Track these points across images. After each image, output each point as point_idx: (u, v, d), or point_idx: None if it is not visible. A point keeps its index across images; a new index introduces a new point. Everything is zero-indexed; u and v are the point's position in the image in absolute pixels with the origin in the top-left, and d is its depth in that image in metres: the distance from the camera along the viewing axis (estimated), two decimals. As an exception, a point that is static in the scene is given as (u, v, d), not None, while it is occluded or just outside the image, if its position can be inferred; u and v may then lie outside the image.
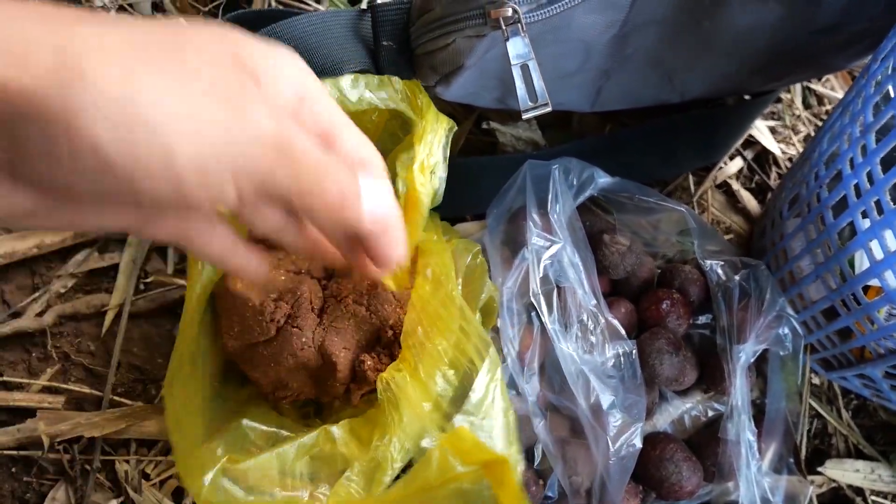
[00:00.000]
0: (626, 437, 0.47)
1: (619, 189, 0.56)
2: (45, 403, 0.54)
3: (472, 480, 0.35)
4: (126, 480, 0.53)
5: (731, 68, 0.56)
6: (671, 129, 0.61)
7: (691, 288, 0.58)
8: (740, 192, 0.66)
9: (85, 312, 0.57)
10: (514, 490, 0.33)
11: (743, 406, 0.52)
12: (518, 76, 0.45)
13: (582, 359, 0.48)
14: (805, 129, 0.69)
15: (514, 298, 0.50)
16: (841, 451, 0.61)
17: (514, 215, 0.55)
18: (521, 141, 0.62)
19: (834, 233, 0.49)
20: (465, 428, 0.35)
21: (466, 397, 0.36)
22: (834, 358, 0.57)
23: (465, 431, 0.35)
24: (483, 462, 0.34)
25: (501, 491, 0.33)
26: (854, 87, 0.49)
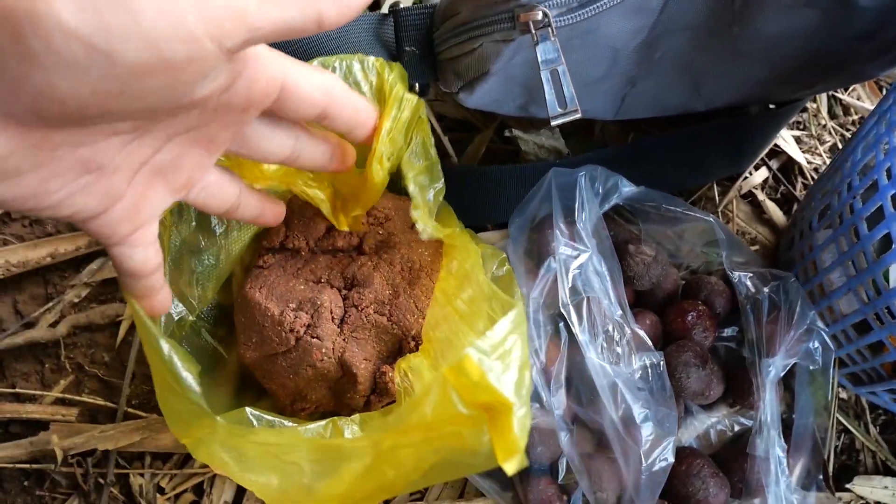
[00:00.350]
0: (659, 452, 0.46)
1: (644, 198, 0.55)
2: (59, 416, 0.53)
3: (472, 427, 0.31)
4: (141, 494, 0.51)
5: (761, 76, 0.54)
6: (696, 138, 0.60)
7: (717, 300, 0.56)
8: (766, 203, 0.65)
9: (99, 323, 0.55)
10: (513, 442, 0.29)
11: (772, 421, 0.51)
12: (547, 81, 0.44)
13: (615, 370, 0.46)
14: (831, 139, 0.68)
15: (539, 309, 0.49)
16: (869, 467, 0.60)
17: (538, 225, 0.54)
18: (543, 149, 0.61)
19: (868, 244, 0.47)
20: (472, 358, 0.30)
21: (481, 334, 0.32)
22: (864, 373, 0.56)
23: (470, 362, 0.30)
24: (485, 404, 0.30)
25: (498, 438, 0.29)
26: (891, 95, 0.48)
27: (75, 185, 0.28)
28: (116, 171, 0.29)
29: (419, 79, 0.50)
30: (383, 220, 0.50)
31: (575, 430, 0.51)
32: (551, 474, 0.52)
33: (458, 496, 0.54)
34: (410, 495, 0.54)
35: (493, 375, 0.29)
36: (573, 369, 0.50)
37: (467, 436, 0.31)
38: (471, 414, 0.30)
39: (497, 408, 0.29)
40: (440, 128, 0.62)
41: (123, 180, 0.30)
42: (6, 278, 0.55)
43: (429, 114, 0.62)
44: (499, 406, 0.29)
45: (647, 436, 0.46)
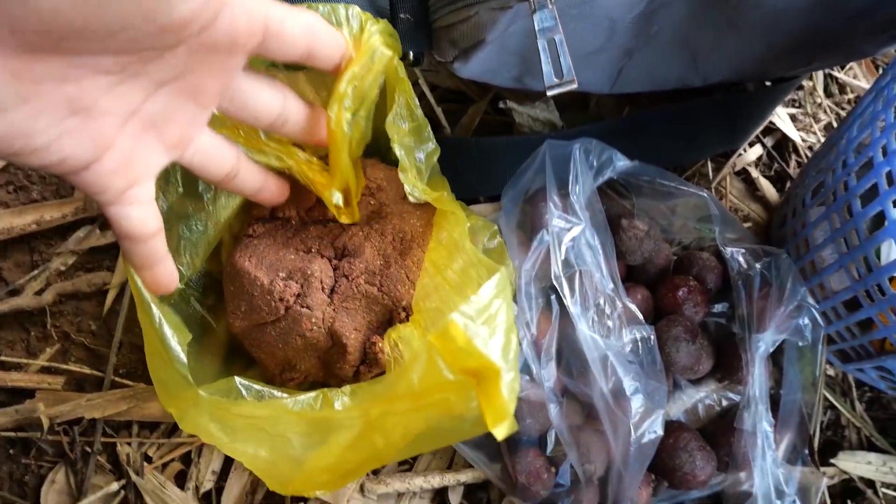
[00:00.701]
0: (649, 424, 0.46)
1: (639, 172, 0.55)
2: (45, 384, 0.52)
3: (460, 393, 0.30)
4: (128, 463, 0.51)
5: (758, 51, 0.54)
6: (692, 113, 0.60)
7: (708, 276, 0.56)
8: (759, 180, 0.64)
9: (86, 291, 0.55)
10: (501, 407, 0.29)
11: (761, 396, 0.51)
12: (544, 50, 0.43)
13: (606, 343, 0.46)
14: (826, 118, 0.67)
15: (531, 282, 0.49)
16: (853, 443, 0.60)
17: (531, 197, 0.53)
18: (537, 122, 0.60)
19: (861, 222, 0.47)
20: (457, 323, 0.29)
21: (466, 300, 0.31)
22: (852, 349, 0.56)
23: (456, 327, 0.29)
24: (472, 369, 0.30)
25: (486, 404, 0.29)
26: (889, 72, 0.48)
27: (63, 126, 0.27)
28: (105, 116, 0.29)
29: (414, 47, 0.49)
30: (375, 190, 0.50)
31: (564, 402, 0.51)
32: (540, 446, 0.52)
33: (447, 467, 0.54)
34: (399, 465, 0.54)
35: (479, 340, 0.29)
36: (564, 342, 0.50)
37: (455, 403, 0.30)
38: (458, 380, 0.30)
39: (484, 373, 0.29)
40: (433, 98, 0.61)
41: (113, 126, 0.30)
42: (-9, 245, 0.55)
43: (422, 84, 0.62)
44: (486, 371, 0.29)
45: (636, 408, 0.46)
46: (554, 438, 0.51)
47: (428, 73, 0.62)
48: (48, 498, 0.51)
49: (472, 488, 0.55)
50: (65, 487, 0.51)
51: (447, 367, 0.30)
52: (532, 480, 0.50)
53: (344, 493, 0.52)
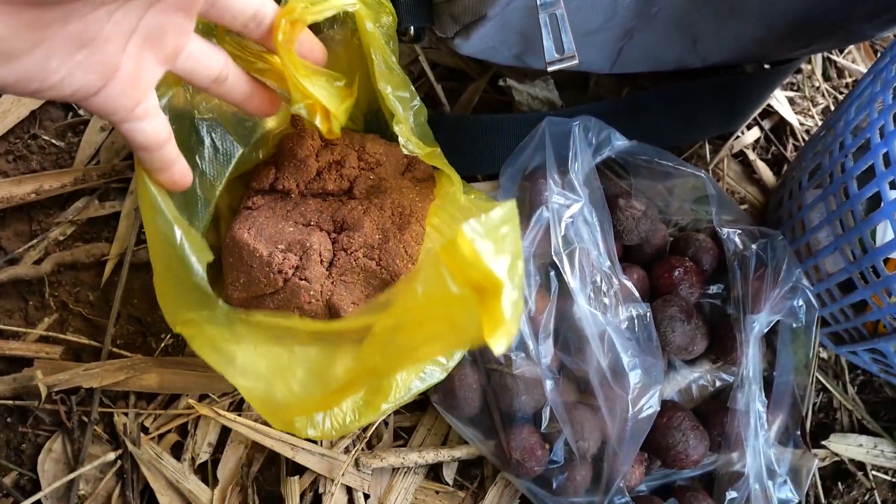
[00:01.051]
0: (646, 399, 0.47)
1: (637, 152, 0.55)
2: (43, 353, 0.52)
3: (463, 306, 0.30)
4: (124, 433, 0.52)
5: (758, 33, 0.54)
6: (691, 94, 0.60)
7: (704, 257, 0.57)
8: (756, 163, 0.65)
9: (84, 261, 0.55)
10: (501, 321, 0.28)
11: (754, 376, 0.52)
12: (545, 25, 0.43)
13: (605, 319, 0.47)
14: (824, 102, 0.68)
15: (530, 259, 0.49)
16: (845, 425, 0.61)
17: (529, 175, 0.53)
18: (537, 100, 0.61)
19: (857, 203, 0.48)
20: (466, 233, 0.29)
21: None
22: (846, 332, 0.56)
23: (464, 237, 0.28)
24: (476, 283, 0.29)
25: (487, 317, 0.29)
26: (888, 54, 0.48)
27: (72, 61, 0.30)
28: (108, 42, 0.31)
29: (415, 22, 0.49)
30: (374, 164, 0.50)
31: (560, 379, 0.52)
32: (534, 423, 0.53)
33: (442, 443, 0.55)
34: (394, 440, 0.55)
35: (486, 255, 0.29)
36: (561, 319, 0.50)
37: (458, 316, 0.30)
38: (462, 293, 0.30)
39: (488, 288, 0.29)
40: (434, 76, 0.61)
41: (116, 50, 0.32)
42: (-11, 214, 0.55)
43: (422, 62, 0.62)
44: (490, 286, 0.29)
45: (634, 383, 0.47)
46: (548, 415, 0.52)
47: (428, 50, 0.62)
48: (45, 466, 0.51)
49: (467, 464, 0.55)
50: (61, 456, 0.51)
51: (452, 280, 0.30)
52: (526, 457, 0.51)
53: (339, 466, 0.52)
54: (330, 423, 0.40)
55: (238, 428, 0.52)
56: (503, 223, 0.30)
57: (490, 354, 0.51)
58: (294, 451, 0.52)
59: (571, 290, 0.47)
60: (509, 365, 0.51)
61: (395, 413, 0.55)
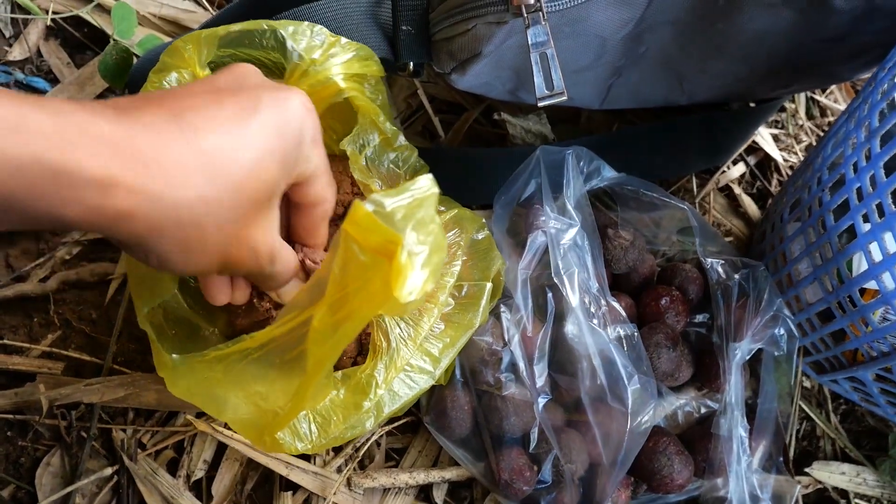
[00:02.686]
0: (644, 414, 0.49)
1: (624, 183, 0.57)
2: (45, 369, 0.54)
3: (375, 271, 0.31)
4: (122, 449, 0.53)
5: (742, 73, 0.57)
6: (678, 130, 0.63)
7: (690, 287, 0.59)
8: (742, 197, 0.67)
9: (89, 280, 0.57)
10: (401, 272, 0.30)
11: (737, 402, 0.53)
12: (536, 63, 0.46)
13: (607, 335, 0.49)
14: (807, 139, 0.70)
15: (528, 280, 0.51)
16: (828, 453, 0.62)
17: (522, 204, 0.55)
18: (530, 134, 0.63)
19: (834, 235, 0.50)
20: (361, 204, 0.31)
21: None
22: (826, 361, 0.58)
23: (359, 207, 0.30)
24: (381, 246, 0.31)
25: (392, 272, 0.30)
26: (861, 94, 0.50)
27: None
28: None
29: (414, 58, 0.52)
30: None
31: (550, 401, 0.53)
32: (523, 445, 0.54)
33: (432, 464, 0.56)
34: (385, 461, 0.56)
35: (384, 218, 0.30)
36: (557, 339, 0.52)
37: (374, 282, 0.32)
38: (372, 259, 0.31)
39: (389, 247, 0.31)
40: (431, 109, 0.63)
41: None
42: (-1, 233, 0.57)
43: (421, 95, 0.64)
44: (390, 245, 0.30)
45: (634, 396, 0.48)
46: (536, 437, 0.53)
47: (427, 84, 0.65)
48: (42, 480, 0.52)
49: (457, 485, 0.56)
50: (59, 470, 0.52)
51: (360, 250, 0.31)
52: (515, 477, 0.52)
53: (331, 485, 0.53)
54: (317, 429, 0.42)
55: (234, 445, 0.53)
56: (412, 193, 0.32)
57: (481, 375, 0.53)
58: (288, 468, 0.53)
59: (573, 309, 0.49)
60: (499, 386, 0.52)
61: (388, 434, 0.56)
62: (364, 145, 0.48)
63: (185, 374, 0.42)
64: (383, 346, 0.44)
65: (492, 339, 0.52)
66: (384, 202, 0.31)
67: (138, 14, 0.62)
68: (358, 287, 0.33)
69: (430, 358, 0.46)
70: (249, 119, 0.33)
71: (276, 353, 0.39)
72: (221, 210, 0.32)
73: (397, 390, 0.44)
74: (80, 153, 0.27)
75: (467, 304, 0.48)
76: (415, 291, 0.31)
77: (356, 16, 0.50)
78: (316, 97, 0.44)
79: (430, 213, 0.32)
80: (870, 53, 0.55)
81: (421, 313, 0.45)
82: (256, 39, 0.44)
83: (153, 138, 0.30)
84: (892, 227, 0.43)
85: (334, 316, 0.34)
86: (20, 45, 0.62)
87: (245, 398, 0.40)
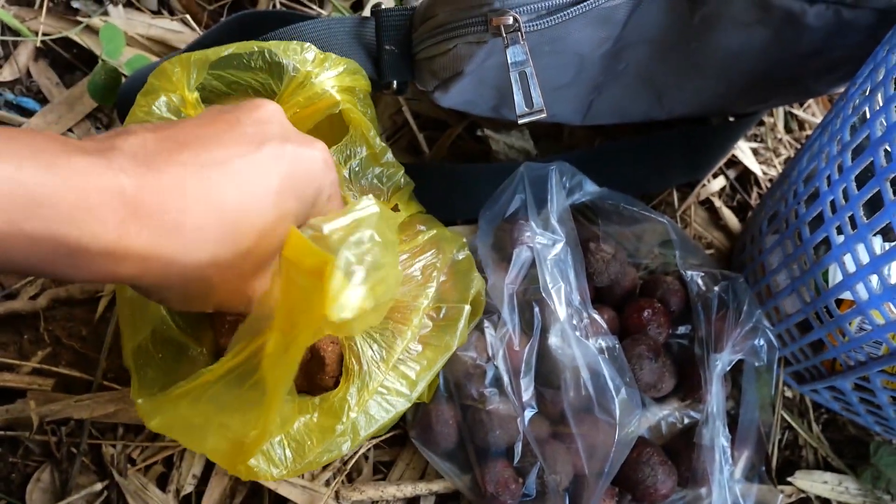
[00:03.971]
0: (630, 424, 0.49)
1: (605, 197, 0.58)
2: (35, 385, 0.54)
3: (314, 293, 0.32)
4: (112, 464, 0.53)
5: (719, 88, 0.58)
6: (659, 145, 0.64)
7: (672, 299, 0.60)
8: (722, 210, 0.68)
9: (78, 298, 0.57)
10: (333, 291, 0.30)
11: (718, 412, 0.54)
12: (516, 82, 0.47)
13: (595, 347, 0.49)
14: (786, 152, 0.72)
15: (514, 295, 0.52)
16: (810, 462, 0.63)
17: (507, 220, 0.56)
18: (513, 149, 0.64)
19: (810, 247, 0.51)
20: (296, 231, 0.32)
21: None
22: (806, 370, 0.59)
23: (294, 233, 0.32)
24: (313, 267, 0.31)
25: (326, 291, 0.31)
26: (833, 109, 0.52)
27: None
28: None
29: (397, 77, 0.53)
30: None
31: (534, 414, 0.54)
32: (508, 457, 0.54)
33: (419, 477, 0.57)
34: (373, 473, 0.57)
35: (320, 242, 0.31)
36: (541, 352, 0.53)
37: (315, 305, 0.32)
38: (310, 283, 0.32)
39: (323, 268, 0.31)
40: (416, 125, 0.65)
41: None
42: (-11, 252, 0.57)
43: (406, 112, 0.65)
44: (323, 265, 0.31)
45: (622, 406, 0.49)
46: (521, 450, 0.54)
47: (411, 101, 0.66)
48: (33, 496, 0.52)
49: (444, 498, 0.57)
50: (49, 486, 0.53)
51: (297, 273, 0.32)
52: (500, 490, 0.52)
53: (320, 498, 0.54)
54: (291, 454, 0.42)
55: (222, 459, 0.53)
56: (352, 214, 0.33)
57: (465, 390, 0.53)
58: (277, 483, 0.54)
59: (559, 322, 0.50)
60: (483, 401, 0.53)
61: (375, 447, 0.57)
62: (350, 157, 0.49)
63: (158, 411, 0.42)
64: (355, 368, 0.44)
65: (476, 354, 0.53)
66: (321, 226, 0.32)
67: (126, 35, 0.63)
68: (301, 310, 0.33)
69: (406, 381, 0.46)
70: (273, 179, 0.33)
71: (235, 384, 0.39)
72: (230, 270, 0.33)
73: (373, 413, 0.44)
74: (97, 226, 0.27)
75: (445, 325, 0.48)
76: (350, 309, 0.31)
77: (340, 35, 0.51)
78: (312, 109, 0.45)
79: (367, 234, 0.33)
80: (843, 68, 0.56)
81: (394, 335, 0.45)
82: (245, 61, 0.45)
83: (177, 200, 0.30)
84: (865, 239, 0.45)
85: (285, 339, 0.34)
86: (10, 67, 0.62)
87: (216, 430, 0.41)
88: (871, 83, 0.45)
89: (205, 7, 0.67)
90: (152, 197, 0.29)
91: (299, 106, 0.45)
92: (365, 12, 0.68)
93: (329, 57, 0.46)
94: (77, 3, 0.65)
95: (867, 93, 0.46)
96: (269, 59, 0.44)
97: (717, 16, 0.50)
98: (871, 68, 0.46)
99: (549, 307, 0.51)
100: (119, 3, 0.65)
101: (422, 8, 0.50)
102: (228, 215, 0.32)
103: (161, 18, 0.66)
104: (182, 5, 0.67)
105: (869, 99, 0.45)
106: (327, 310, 0.31)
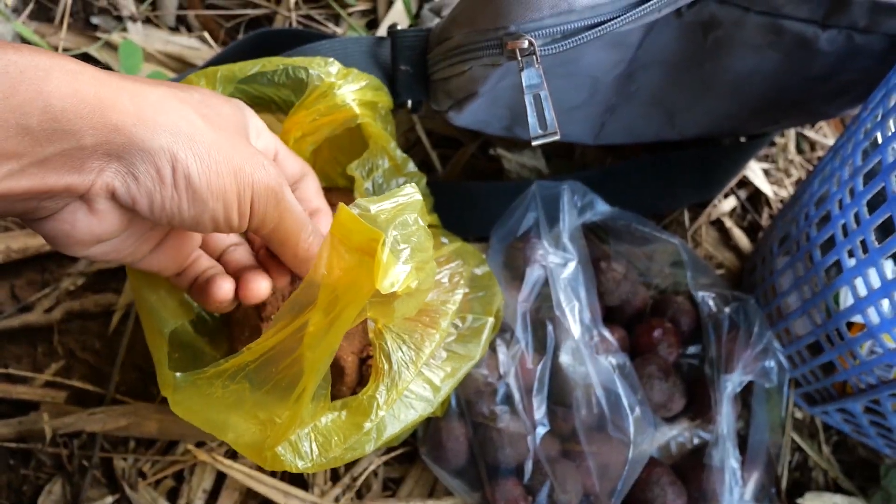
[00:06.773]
0: (644, 442, 0.49)
1: (617, 217, 0.58)
2: (48, 398, 0.55)
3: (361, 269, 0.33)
4: (123, 478, 0.54)
5: (731, 110, 0.58)
6: (670, 164, 0.64)
7: (682, 319, 0.60)
8: (733, 230, 0.68)
9: (92, 311, 0.58)
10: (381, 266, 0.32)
11: (728, 434, 0.54)
12: (530, 105, 0.47)
13: (609, 364, 0.50)
14: (797, 173, 0.72)
15: (527, 314, 0.52)
16: (820, 484, 0.63)
17: (519, 238, 0.57)
18: (525, 168, 0.65)
19: (821, 270, 0.51)
20: (345, 207, 0.32)
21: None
22: (817, 392, 0.59)
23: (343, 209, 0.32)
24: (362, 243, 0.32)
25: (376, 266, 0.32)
26: (845, 133, 0.52)
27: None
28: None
29: (412, 96, 0.53)
30: None
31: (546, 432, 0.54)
32: (517, 475, 0.54)
33: (429, 494, 0.57)
34: (383, 491, 0.57)
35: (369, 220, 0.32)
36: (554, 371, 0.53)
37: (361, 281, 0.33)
38: (357, 259, 0.33)
39: (372, 244, 0.32)
40: (429, 143, 0.65)
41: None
42: (6, 263, 0.58)
43: (419, 130, 0.66)
44: (373, 242, 0.32)
45: (636, 424, 0.49)
46: (531, 468, 0.54)
47: (425, 119, 0.66)
48: (44, 509, 0.53)
49: (453, 515, 0.57)
50: (61, 499, 0.53)
51: (345, 249, 0.33)
52: (510, 508, 0.53)
53: (329, 514, 0.54)
54: (317, 449, 0.42)
55: (233, 474, 0.54)
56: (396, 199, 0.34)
57: (476, 407, 0.54)
58: (286, 498, 0.54)
59: (573, 340, 0.50)
60: (494, 418, 0.53)
61: (385, 464, 0.57)
62: (372, 169, 0.50)
63: (187, 392, 0.42)
64: (385, 368, 0.44)
65: (487, 372, 0.53)
66: (368, 206, 0.33)
67: (144, 51, 0.64)
68: (346, 287, 0.34)
69: (431, 386, 0.46)
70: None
71: (272, 363, 0.40)
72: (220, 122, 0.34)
73: (398, 414, 0.45)
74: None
75: (469, 335, 0.49)
76: (397, 283, 0.32)
77: (356, 55, 0.52)
78: (330, 118, 0.46)
79: (412, 217, 0.34)
80: (854, 91, 0.57)
81: (422, 338, 0.46)
82: (269, 77, 0.46)
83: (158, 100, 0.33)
84: (877, 263, 0.45)
85: (327, 318, 0.35)
86: (30, 81, 0.63)
87: (244, 415, 0.41)
88: (884, 109, 0.46)
89: (222, 24, 0.68)
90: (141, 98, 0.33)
91: (319, 114, 0.46)
92: (380, 32, 0.69)
93: (352, 72, 0.47)
94: (96, 19, 0.66)
95: (879, 118, 0.46)
96: (292, 76, 0.45)
97: (729, 39, 0.51)
98: (884, 94, 0.47)
99: (562, 325, 0.52)
100: (138, 19, 0.66)
101: (437, 29, 0.51)
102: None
103: (179, 35, 0.67)
104: (200, 22, 0.68)
105: (881, 124, 0.45)
106: (377, 281, 0.32)
